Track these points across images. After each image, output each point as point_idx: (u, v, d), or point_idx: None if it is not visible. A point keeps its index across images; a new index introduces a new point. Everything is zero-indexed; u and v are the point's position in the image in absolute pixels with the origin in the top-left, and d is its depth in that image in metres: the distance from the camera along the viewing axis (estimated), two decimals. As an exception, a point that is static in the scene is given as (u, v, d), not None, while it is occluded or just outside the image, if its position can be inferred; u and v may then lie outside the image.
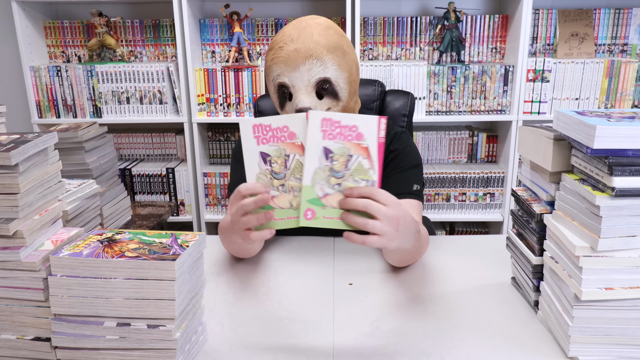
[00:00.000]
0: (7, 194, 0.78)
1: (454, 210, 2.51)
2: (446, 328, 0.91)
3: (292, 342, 0.88)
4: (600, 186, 0.78)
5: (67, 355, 0.79)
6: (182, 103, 2.43)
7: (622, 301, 0.78)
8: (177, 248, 0.80)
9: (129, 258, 0.76)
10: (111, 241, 0.83)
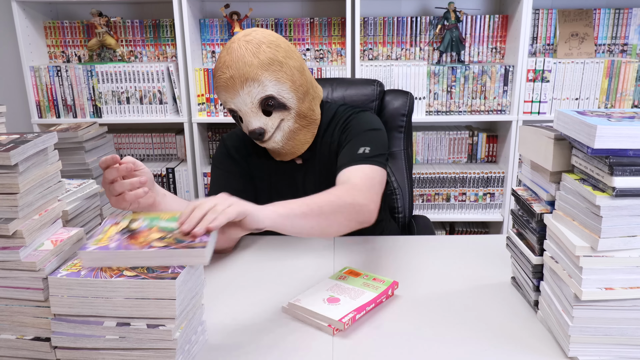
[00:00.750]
0: (7, 194, 0.78)
1: (454, 210, 2.51)
2: (446, 328, 0.91)
3: (292, 342, 0.88)
4: (601, 186, 0.78)
5: (66, 355, 0.79)
6: (182, 103, 2.43)
7: (622, 301, 0.78)
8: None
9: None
10: (130, 231, 0.84)
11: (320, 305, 0.93)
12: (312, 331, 0.91)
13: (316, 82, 1.35)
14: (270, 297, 1.02)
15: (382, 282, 1.01)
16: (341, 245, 1.27)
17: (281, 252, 1.24)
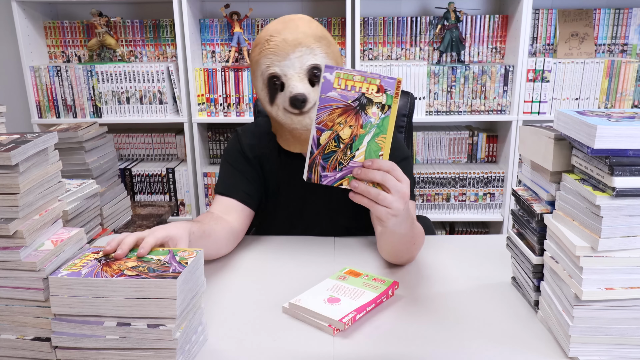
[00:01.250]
0: (7, 194, 0.78)
1: (454, 210, 2.51)
2: (446, 328, 0.91)
3: (292, 342, 0.88)
4: (601, 186, 0.78)
5: (67, 355, 0.79)
6: (182, 103, 2.43)
7: (623, 301, 0.78)
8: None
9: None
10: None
11: (321, 305, 0.93)
12: (312, 331, 0.91)
13: None
14: (270, 297, 1.02)
15: (382, 282, 1.01)
16: (341, 245, 1.27)
17: (281, 252, 1.24)
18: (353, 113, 0.88)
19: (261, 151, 1.35)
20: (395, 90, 0.87)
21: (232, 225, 1.21)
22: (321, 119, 0.88)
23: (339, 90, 0.87)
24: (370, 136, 0.88)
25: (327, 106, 0.88)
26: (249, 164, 1.35)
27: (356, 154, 0.89)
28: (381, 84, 0.87)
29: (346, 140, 0.88)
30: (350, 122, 0.88)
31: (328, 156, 0.89)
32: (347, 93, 0.87)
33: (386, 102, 0.87)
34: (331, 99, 0.87)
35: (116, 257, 0.83)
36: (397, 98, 0.87)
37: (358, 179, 0.89)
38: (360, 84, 0.87)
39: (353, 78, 0.87)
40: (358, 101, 0.88)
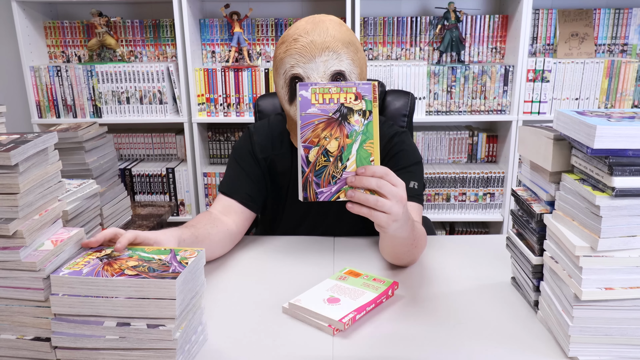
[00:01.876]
0: (7, 194, 0.78)
1: (454, 210, 2.51)
2: (446, 328, 0.91)
3: (292, 342, 0.88)
4: (601, 186, 0.78)
5: (67, 355, 0.79)
6: (182, 103, 2.43)
7: (622, 301, 0.78)
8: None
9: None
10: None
11: (321, 306, 0.94)
12: (312, 331, 0.91)
13: None
14: (270, 297, 1.02)
15: (382, 283, 1.01)
16: (341, 245, 1.27)
17: (281, 252, 1.24)
18: (336, 125, 0.88)
19: (273, 151, 1.35)
20: (373, 94, 0.87)
21: (229, 227, 1.21)
22: (306, 136, 0.87)
23: (318, 105, 0.87)
24: (357, 144, 0.88)
25: (309, 123, 0.87)
26: (257, 165, 1.34)
27: (347, 165, 0.88)
28: (357, 91, 0.87)
29: (335, 152, 0.88)
30: (336, 134, 0.88)
31: (320, 172, 0.88)
32: (327, 106, 0.88)
33: (366, 107, 0.87)
34: (312, 115, 0.87)
35: (116, 250, 0.85)
36: (375, 102, 0.87)
37: (354, 188, 0.88)
38: (337, 95, 0.87)
39: (329, 90, 0.87)
40: (339, 112, 0.88)
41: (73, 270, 0.79)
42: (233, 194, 1.29)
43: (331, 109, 0.87)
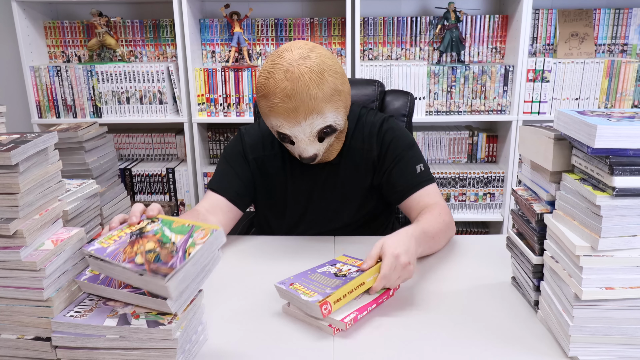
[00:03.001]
0: (7, 194, 0.78)
1: (454, 210, 2.51)
2: (446, 328, 0.91)
3: (292, 342, 0.88)
4: (601, 186, 0.78)
5: (67, 354, 0.79)
6: (182, 103, 2.43)
7: (623, 301, 0.78)
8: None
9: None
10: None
11: None
12: (312, 331, 0.91)
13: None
14: (270, 297, 1.02)
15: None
16: (341, 245, 1.27)
17: (281, 252, 1.24)
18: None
19: (264, 152, 1.36)
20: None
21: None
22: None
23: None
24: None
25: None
26: (246, 165, 1.36)
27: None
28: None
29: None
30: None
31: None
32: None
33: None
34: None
35: (148, 217, 0.90)
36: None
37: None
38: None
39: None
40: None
41: (101, 247, 0.82)
42: (222, 191, 1.32)
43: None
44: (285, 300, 0.98)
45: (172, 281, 0.75)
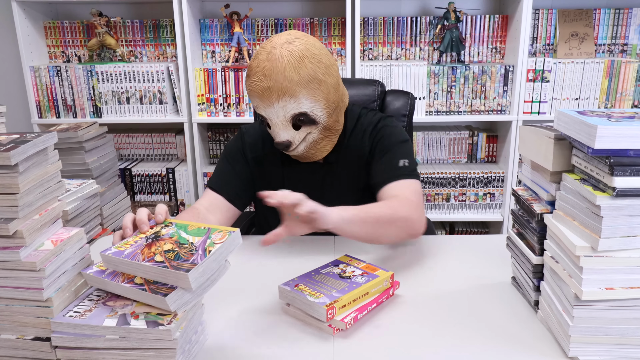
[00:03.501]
0: (7, 194, 0.78)
1: (454, 210, 2.51)
2: (446, 328, 0.91)
3: (292, 342, 0.88)
4: (601, 186, 0.78)
5: (67, 355, 0.79)
6: (182, 103, 2.43)
7: (623, 301, 0.78)
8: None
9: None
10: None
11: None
12: (312, 331, 0.91)
13: (345, 90, 1.34)
14: (270, 297, 1.02)
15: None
16: (341, 245, 1.27)
17: (281, 252, 1.24)
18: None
19: (264, 151, 1.37)
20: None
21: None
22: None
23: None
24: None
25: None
26: (246, 164, 1.37)
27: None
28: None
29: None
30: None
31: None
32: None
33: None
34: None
35: (157, 221, 0.93)
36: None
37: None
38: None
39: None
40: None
41: (117, 251, 0.84)
42: (221, 190, 1.32)
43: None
44: (285, 301, 0.98)
45: (193, 273, 0.76)
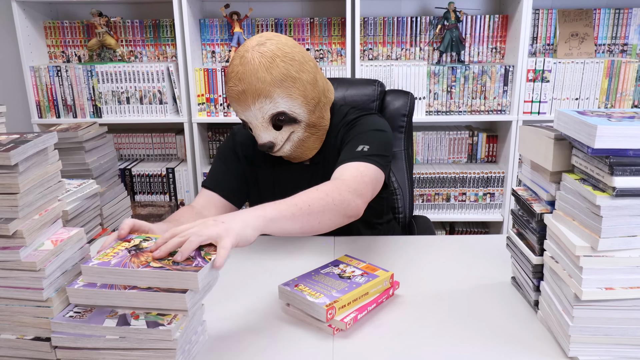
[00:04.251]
0: (7, 194, 0.78)
1: (454, 210, 2.51)
2: (446, 328, 0.91)
3: (292, 342, 0.88)
4: (601, 186, 0.77)
5: (67, 355, 0.79)
6: (182, 103, 2.43)
7: (623, 301, 0.78)
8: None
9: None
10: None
11: None
12: (312, 331, 0.91)
13: (329, 85, 1.34)
14: (271, 297, 1.02)
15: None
16: (341, 245, 1.27)
17: (281, 252, 1.24)
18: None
19: (253, 150, 1.39)
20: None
21: None
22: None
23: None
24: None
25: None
26: (238, 162, 1.39)
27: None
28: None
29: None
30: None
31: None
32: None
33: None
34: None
35: (119, 237, 0.90)
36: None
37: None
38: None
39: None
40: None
41: (102, 261, 0.80)
42: (216, 188, 1.34)
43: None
44: (285, 301, 0.98)
45: (201, 273, 0.77)
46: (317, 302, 0.90)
